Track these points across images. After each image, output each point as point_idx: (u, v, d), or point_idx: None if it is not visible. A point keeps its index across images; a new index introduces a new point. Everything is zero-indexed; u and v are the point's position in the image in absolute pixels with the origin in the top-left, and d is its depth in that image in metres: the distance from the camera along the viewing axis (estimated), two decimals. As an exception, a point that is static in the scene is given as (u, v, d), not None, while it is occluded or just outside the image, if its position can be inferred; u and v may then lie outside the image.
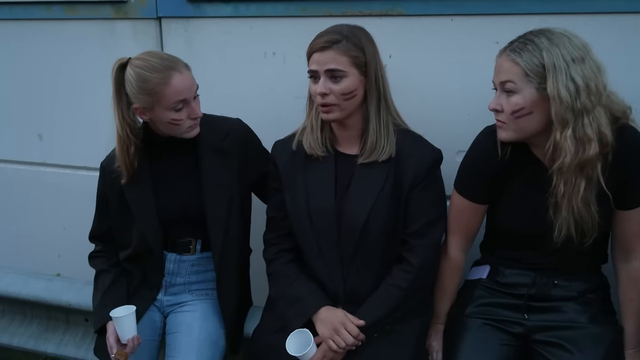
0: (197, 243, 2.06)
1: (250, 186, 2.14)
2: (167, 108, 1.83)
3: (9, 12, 2.64)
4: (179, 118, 1.86)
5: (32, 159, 2.82)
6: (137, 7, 2.40)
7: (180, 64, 1.87)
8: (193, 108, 1.88)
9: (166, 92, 1.81)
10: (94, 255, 2.18)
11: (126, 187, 1.99)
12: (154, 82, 1.80)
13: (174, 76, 1.81)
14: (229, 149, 2.01)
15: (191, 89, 1.87)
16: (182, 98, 1.83)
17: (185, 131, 1.90)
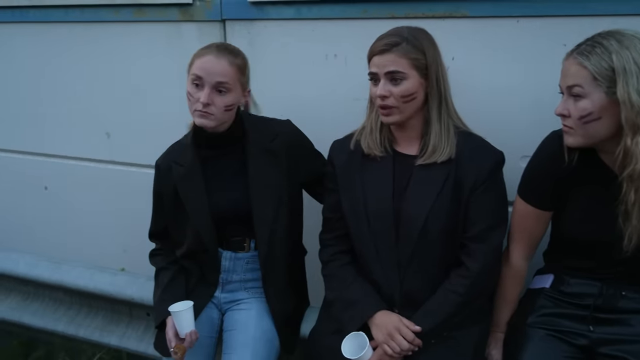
0: (250, 241, 2.08)
1: (302, 187, 2.15)
2: (190, 79, 1.93)
3: (80, 14, 2.74)
4: (193, 94, 1.91)
5: (100, 156, 2.91)
6: (202, 10, 2.45)
7: (226, 53, 1.93)
8: (205, 92, 1.89)
9: (194, 63, 1.92)
10: (154, 254, 2.24)
11: (179, 184, 2.04)
12: (195, 53, 1.95)
13: (208, 55, 1.91)
14: (278, 150, 2.02)
15: (213, 74, 1.90)
16: (199, 74, 1.89)
17: (193, 113, 1.94)
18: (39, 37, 2.89)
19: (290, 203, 2.08)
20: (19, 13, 2.87)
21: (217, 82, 1.90)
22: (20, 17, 2.87)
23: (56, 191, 3.08)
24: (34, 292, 2.83)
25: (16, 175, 3.16)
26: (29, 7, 2.84)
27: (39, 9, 2.82)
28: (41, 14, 2.83)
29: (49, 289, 2.78)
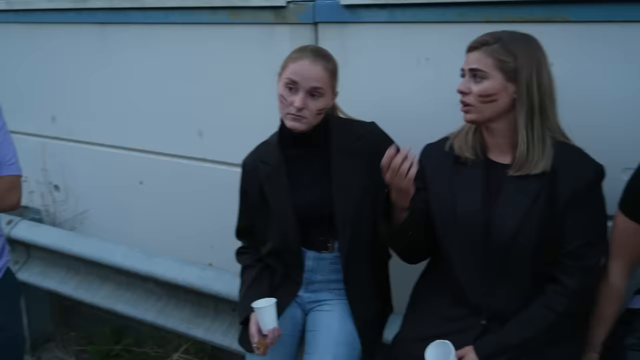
0: (334, 242, 2.08)
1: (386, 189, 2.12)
2: (283, 81, 1.95)
3: (179, 16, 2.83)
4: (286, 97, 1.93)
5: (192, 154, 3.00)
6: (295, 13, 2.48)
7: (320, 58, 1.95)
8: (300, 97, 1.92)
9: (288, 67, 1.95)
10: (241, 251, 2.30)
11: (264, 182, 2.07)
12: (289, 56, 1.98)
13: (303, 60, 1.94)
14: (362, 151, 2.02)
15: (308, 79, 1.92)
16: (294, 79, 1.92)
17: (285, 116, 1.97)
18: (140, 38, 3.01)
19: (374, 205, 2.07)
20: (122, 14, 3.00)
21: (312, 87, 1.92)
22: (124, 18, 3.00)
23: (151, 186, 3.20)
24: (127, 282, 2.95)
25: (114, 169, 3.31)
26: (131, 9, 2.97)
27: (140, 10, 2.94)
28: (142, 16, 2.95)
29: (141, 280, 2.89)
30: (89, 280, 3.08)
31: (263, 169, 2.10)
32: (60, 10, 3.22)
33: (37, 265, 3.24)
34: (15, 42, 3.55)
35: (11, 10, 3.46)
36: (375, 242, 2.10)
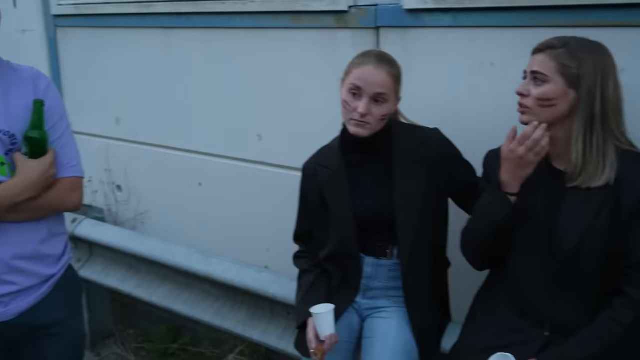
0: (393, 248, 2.06)
1: (448, 196, 2.10)
2: (346, 87, 1.95)
3: (241, 21, 2.87)
4: (350, 103, 1.93)
5: (251, 157, 3.03)
6: (357, 17, 2.47)
7: (384, 63, 1.94)
8: (364, 102, 1.91)
9: (352, 72, 1.95)
10: (298, 256, 2.30)
11: (324, 187, 2.07)
12: (353, 61, 1.98)
13: (367, 65, 1.93)
14: (424, 157, 2.00)
15: (372, 85, 1.91)
16: (358, 85, 1.91)
17: (348, 121, 1.97)
18: (202, 42, 3.06)
19: (435, 212, 2.05)
20: (185, 19, 3.07)
21: (376, 93, 1.92)
22: (187, 23, 3.06)
23: (210, 188, 3.25)
24: (185, 282, 3.00)
25: (175, 171, 3.38)
26: (195, 14, 3.02)
27: (203, 15, 3.00)
28: (205, 21, 3.00)
29: (199, 280, 2.93)
30: (149, 280, 3.14)
31: (324, 173, 2.10)
32: (126, 15, 3.31)
33: (99, 263, 3.33)
34: (82, 46, 3.67)
35: (79, 15, 3.58)
36: (435, 250, 2.07)
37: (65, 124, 1.88)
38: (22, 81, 1.81)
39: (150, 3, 3.18)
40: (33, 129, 1.77)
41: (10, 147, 1.77)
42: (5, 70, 1.80)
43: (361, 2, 2.46)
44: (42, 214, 1.83)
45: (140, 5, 3.22)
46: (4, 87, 1.77)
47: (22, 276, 1.80)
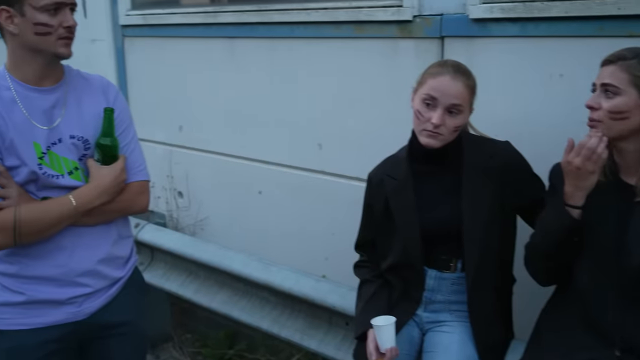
0: (457, 262, 2.03)
1: (517, 212, 2.05)
2: (420, 97, 1.93)
3: (304, 30, 2.89)
4: (423, 113, 1.92)
5: (311, 166, 3.04)
6: (421, 27, 2.45)
7: (460, 74, 1.93)
8: (438, 113, 1.90)
9: (427, 82, 1.93)
10: (359, 265, 2.28)
11: (390, 197, 2.06)
12: (428, 71, 1.96)
13: (443, 75, 1.91)
14: (494, 171, 1.96)
15: (448, 95, 1.90)
16: (433, 95, 1.90)
17: (420, 132, 1.95)
18: (266, 52, 3.10)
19: (503, 227, 2.01)
20: (249, 29, 3.11)
21: (452, 104, 1.90)
22: (251, 32, 3.11)
23: (269, 196, 3.28)
24: (244, 289, 3.02)
25: (235, 178, 3.42)
26: (258, 24, 3.07)
27: (266, 25, 3.03)
28: (268, 30, 3.04)
29: (257, 288, 2.95)
30: (208, 285, 3.18)
31: (389, 183, 2.08)
32: (192, 25, 3.38)
33: (160, 268, 3.40)
34: (149, 54, 3.77)
35: (146, 25, 3.68)
36: (501, 264, 2.03)
37: (133, 131, 1.95)
38: (93, 90, 1.87)
39: (216, 13, 3.24)
40: (104, 136, 1.83)
41: (84, 153, 1.83)
42: (76, 79, 1.87)
43: (426, 12, 2.44)
44: (113, 217, 1.89)
45: (206, 15, 3.29)
46: (77, 96, 1.84)
47: (95, 278, 1.87)
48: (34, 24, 1.68)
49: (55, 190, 1.79)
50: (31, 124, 1.74)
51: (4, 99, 1.73)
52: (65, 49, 1.74)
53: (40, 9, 1.67)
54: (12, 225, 1.68)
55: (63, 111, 1.80)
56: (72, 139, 1.80)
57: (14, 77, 1.75)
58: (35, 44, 1.71)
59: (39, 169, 1.75)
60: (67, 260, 1.81)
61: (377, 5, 2.58)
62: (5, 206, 1.70)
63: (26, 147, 1.73)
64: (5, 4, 1.67)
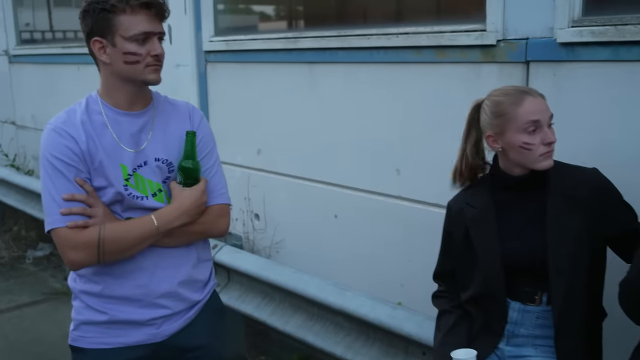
0: (543, 294, 1.94)
1: (606, 242, 1.95)
2: (519, 130, 1.86)
3: (384, 55, 2.89)
4: (532, 142, 1.85)
5: (389, 191, 3.01)
6: (505, 51, 2.40)
7: (535, 91, 1.90)
8: (546, 133, 1.85)
9: (518, 113, 1.86)
10: (438, 295, 2.22)
11: (471, 226, 2.00)
12: (506, 103, 1.88)
13: (526, 99, 1.86)
14: (582, 199, 1.87)
15: (544, 113, 1.86)
16: (534, 119, 1.84)
17: (537, 159, 1.87)
18: (345, 77, 3.11)
19: (591, 257, 1.91)
20: (329, 54, 3.13)
21: (549, 117, 1.88)
22: (331, 57, 3.13)
23: (345, 220, 3.26)
24: (318, 314, 3.01)
25: (312, 202, 3.43)
26: (338, 49, 3.08)
27: (346, 50, 3.05)
28: (348, 55, 3.05)
29: (332, 313, 2.93)
30: (283, 308, 3.19)
31: (470, 211, 2.03)
32: (273, 50, 3.44)
33: (236, 290, 3.43)
34: (230, 79, 3.86)
35: (228, 50, 3.78)
36: (590, 297, 1.93)
37: (215, 155, 1.99)
38: (179, 114, 1.93)
39: (296, 39, 3.29)
40: (186, 159, 1.87)
41: (167, 175, 1.88)
42: (163, 104, 1.93)
43: (510, 36, 2.38)
44: (193, 239, 1.92)
45: (287, 41, 3.34)
46: (163, 120, 1.89)
47: (174, 300, 1.90)
48: (124, 53, 1.75)
49: (139, 211, 1.84)
50: (119, 147, 1.81)
51: (96, 122, 1.80)
52: (153, 75, 1.80)
53: (129, 39, 1.74)
54: (97, 243, 1.74)
55: (150, 135, 1.85)
56: (157, 161, 1.85)
57: (105, 102, 1.83)
58: (125, 72, 1.78)
59: (124, 190, 1.81)
60: (148, 281, 1.86)
61: (460, 30, 2.55)
62: (91, 225, 1.77)
63: (114, 169, 1.80)
64: (99, 35, 1.75)
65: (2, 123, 6.57)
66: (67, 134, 1.76)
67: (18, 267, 5.39)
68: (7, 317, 4.44)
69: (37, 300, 4.70)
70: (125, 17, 1.72)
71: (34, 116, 6.07)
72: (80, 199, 1.76)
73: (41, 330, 4.20)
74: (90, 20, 1.75)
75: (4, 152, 6.27)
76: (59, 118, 1.81)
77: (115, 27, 1.73)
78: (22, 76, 6.31)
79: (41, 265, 5.41)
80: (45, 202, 1.78)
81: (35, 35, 6.48)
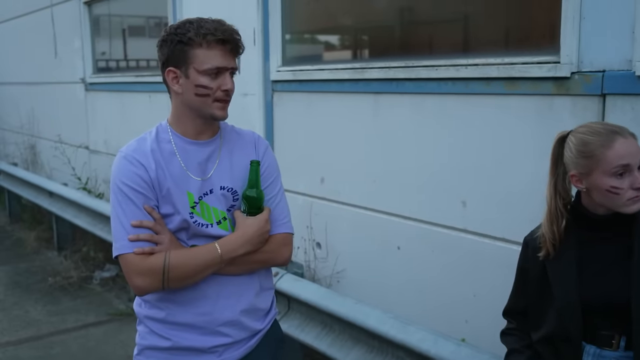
0: (621, 339, 1.83)
1: None
2: (607, 173, 1.74)
3: (452, 86, 2.85)
4: (620, 186, 1.73)
5: (454, 224, 2.95)
6: (580, 84, 2.33)
7: (626, 130, 1.76)
8: (636, 177, 1.72)
9: (607, 155, 1.73)
10: (507, 332, 2.13)
11: (549, 264, 1.91)
12: (594, 144, 1.75)
13: (617, 140, 1.73)
14: None
15: (635, 156, 1.73)
16: (624, 163, 1.72)
17: (625, 204, 1.75)
18: (411, 107, 3.09)
19: None
20: (396, 85, 3.12)
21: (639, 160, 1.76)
22: (397, 88, 3.12)
23: (408, 252, 3.21)
24: (379, 347, 2.95)
25: (374, 232, 3.40)
26: (405, 80, 3.07)
27: (413, 81, 3.03)
28: (415, 86, 3.03)
29: (393, 347, 2.86)
30: (342, 340, 3.14)
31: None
32: (339, 80, 3.46)
33: (296, 318, 3.41)
34: (296, 108, 3.90)
35: (295, 80, 3.82)
36: None
37: (280, 184, 1.99)
38: (245, 144, 1.95)
39: (363, 70, 3.29)
40: (250, 188, 1.88)
41: (232, 204, 1.89)
42: (230, 134, 1.95)
43: (585, 68, 2.31)
44: (256, 268, 1.92)
45: (354, 71, 3.35)
46: (229, 149, 1.91)
47: (236, 329, 1.89)
48: (196, 85, 1.78)
49: (204, 239, 1.86)
50: (187, 175, 1.83)
51: (165, 151, 1.84)
52: (220, 111, 1.83)
53: (202, 72, 1.77)
54: (162, 270, 1.76)
55: (216, 164, 1.88)
56: (222, 190, 1.87)
57: (174, 131, 1.86)
58: (195, 104, 1.81)
59: (190, 217, 1.83)
60: (211, 309, 1.86)
61: (532, 62, 2.49)
62: (157, 251, 1.79)
63: (180, 197, 1.82)
64: (173, 66, 1.79)
65: (77, 147, 6.84)
66: (137, 162, 1.80)
67: (85, 287, 5.54)
68: (73, 336, 4.55)
69: (102, 321, 4.81)
70: (200, 50, 1.76)
71: (106, 141, 6.30)
72: (148, 226, 1.79)
73: (106, 351, 4.28)
74: (167, 50, 1.80)
75: (77, 175, 6.50)
76: (130, 146, 1.85)
77: (190, 60, 1.77)
78: (97, 103, 6.58)
79: (107, 286, 5.55)
80: (114, 227, 1.81)
81: (110, 64, 6.75)
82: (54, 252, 6.57)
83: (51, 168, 7.54)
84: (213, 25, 1.77)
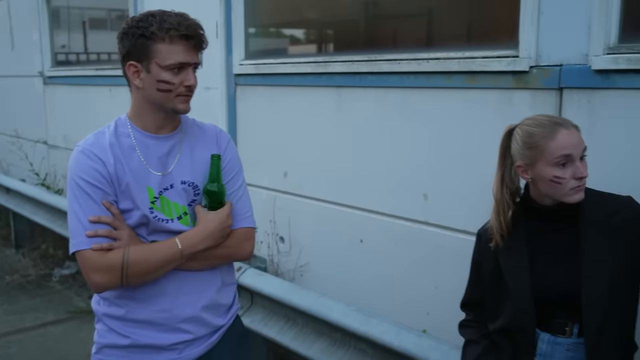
0: (574, 326, 1.87)
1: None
2: (550, 163, 1.79)
3: (414, 80, 2.87)
4: (562, 176, 1.79)
5: (415, 216, 2.97)
6: (538, 78, 2.36)
7: (569, 122, 1.83)
8: (578, 167, 1.78)
9: (550, 146, 1.78)
10: (465, 324, 2.17)
11: (501, 256, 1.95)
12: (538, 135, 1.81)
13: (559, 131, 1.79)
14: (617, 228, 1.82)
15: (577, 147, 1.79)
16: (566, 153, 1.78)
17: (567, 193, 1.81)
18: (374, 101, 3.10)
19: (626, 290, 1.85)
20: (358, 78, 3.13)
21: (582, 150, 1.81)
22: (360, 82, 3.12)
23: (371, 245, 3.23)
24: (341, 340, 2.96)
25: (337, 226, 3.40)
26: (367, 74, 3.07)
27: (376, 75, 3.04)
28: (377, 80, 3.04)
29: (356, 339, 2.87)
30: (305, 333, 3.14)
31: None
32: (302, 74, 3.45)
33: (259, 313, 3.40)
34: (259, 102, 3.88)
35: (258, 74, 3.79)
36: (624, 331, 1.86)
37: (241, 179, 1.97)
38: (206, 138, 1.93)
39: (326, 63, 3.29)
40: (212, 182, 1.86)
41: (193, 198, 1.87)
42: (191, 128, 1.93)
43: (543, 62, 2.35)
44: (217, 263, 1.90)
45: (317, 65, 3.34)
46: (191, 143, 1.89)
47: (197, 325, 1.88)
48: (158, 80, 1.75)
49: (164, 235, 1.83)
50: (146, 170, 1.80)
51: (124, 145, 1.80)
52: (183, 105, 1.80)
53: (165, 67, 1.74)
54: (121, 266, 1.73)
55: (177, 158, 1.85)
56: (183, 184, 1.85)
57: (134, 125, 1.83)
58: (156, 99, 1.78)
59: (150, 212, 1.80)
60: (171, 305, 1.84)
61: (492, 56, 2.52)
62: (116, 247, 1.76)
63: (140, 192, 1.79)
64: (135, 60, 1.76)
65: (35, 142, 6.69)
66: (95, 156, 1.76)
67: (44, 285, 5.43)
68: (32, 335, 4.46)
69: (61, 319, 4.72)
70: (163, 45, 1.72)
71: (66, 136, 6.17)
72: (106, 222, 1.76)
73: (65, 350, 4.21)
74: (128, 43, 1.75)
75: (35, 171, 6.36)
76: (88, 140, 1.81)
77: (152, 55, 1.73)
78: (56, 97, 6.44)
79: (67, 284, 5.45)
80: (71, 223, 1.77)
81: (70, 57, 6.62)
82: (12, 249, 6.42)
83: (8, 164, 7.35)
84: (176, 19, 1.74)
